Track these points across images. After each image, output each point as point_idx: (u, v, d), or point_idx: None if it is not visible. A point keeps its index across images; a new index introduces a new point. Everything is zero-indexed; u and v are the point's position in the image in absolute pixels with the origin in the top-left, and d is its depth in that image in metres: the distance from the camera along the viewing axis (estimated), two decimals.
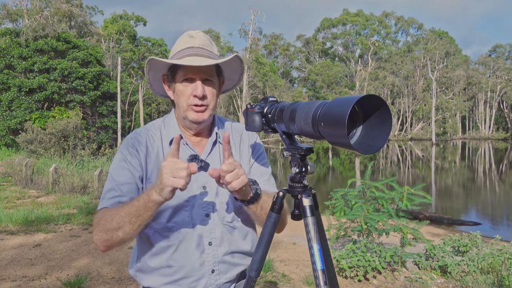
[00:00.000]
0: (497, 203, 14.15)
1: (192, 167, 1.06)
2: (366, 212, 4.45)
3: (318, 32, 65.57)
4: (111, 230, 1.17)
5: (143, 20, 49.09)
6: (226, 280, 1.32)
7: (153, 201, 1.10)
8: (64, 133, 17.21)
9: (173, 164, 1.05)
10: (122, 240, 1.19)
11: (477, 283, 4.02)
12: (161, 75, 1.35)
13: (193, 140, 1.37)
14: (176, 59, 1.28)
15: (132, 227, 1.15)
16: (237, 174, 1.12)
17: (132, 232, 1.16)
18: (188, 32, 1.34)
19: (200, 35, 1.33)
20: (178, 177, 1.04)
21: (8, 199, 8.84)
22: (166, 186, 1.05)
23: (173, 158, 1.07)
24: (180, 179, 1.04)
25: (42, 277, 4.18)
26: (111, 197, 1.25)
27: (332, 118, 0.89)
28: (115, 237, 1.17)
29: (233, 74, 1.41)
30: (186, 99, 1.27)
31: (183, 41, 1.32)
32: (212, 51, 1.33)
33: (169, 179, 1.04)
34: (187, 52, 1.29)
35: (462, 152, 41.21)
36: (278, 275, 4.41)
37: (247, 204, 1.23)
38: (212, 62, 1.25)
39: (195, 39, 1.31)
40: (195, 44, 1.30)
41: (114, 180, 1.27)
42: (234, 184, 1.11)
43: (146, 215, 1.13)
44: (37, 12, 28.19)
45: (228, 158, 1.13)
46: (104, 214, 1.21)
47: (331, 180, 19.04)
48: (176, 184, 1.04)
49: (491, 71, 62.83)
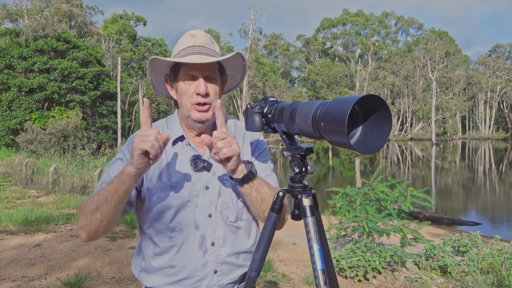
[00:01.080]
0: (497, 203, 14.15)
1: (163, 135, 1.09)
2: (368, 214, 4.45)
3: (318, 32, 65.59)
4: (90, 212, 1.17)
5: (143, 20, 49.11)
6: (229, 281, 1.32)
7: (127, 173, 1.11)
8: (64, 133, 17.22)
9: (143, 131, 1.09)
10: (101, 224, 1.17)
11: (477, 283, 4.02)
12: (163, 75, 1.35)
13: (196, 141, 1.36)
14: (178, 58, 1.28)
15: (108, 206, 1.14)
16: (229, 142, 1.13)
17: (110, 212, 1.15)
18: (190, 32, 1.34)
19: (201, 34, 1.33)
20: (147, 140, 1.07)
21: (8, 199, 8.84)
22: (135, 150, 1.08)
23: (144, 126, 1.12)
24: (148, 142, 1.07)
25: (42, 277, 4.18)
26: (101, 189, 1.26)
27: (332, 118, 0.89)
28: (94, 220, 1.16)
29: (235, 73, 1.41)
30: (189, 98, 1.27)
31: (185, 41, 1.32)
32: (214, 50, 1.33)
33: (137, 143, 1.08)
34: (189, 50, 1.29)
35: (462, 152, 41.21)
36: (278, 275, 4.41)
37: (241, 183, 1.21)
38: (214, 59, 1.25)
39: (196, 38, 1.31)
40: (197, 43, 1.30)
41: (109, 176, 1.28)
42: (225, 150, 1.12)
43: (121, 190, 1.13)
44: (37, 12, 28.20)
45: (221, 127, 1.16)
46: (85, 201, 1.22)
47: (331, 180, 19.04)
48: (143, 146, 1.07)
49: (491, 71, 62.83)
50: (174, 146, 1.33)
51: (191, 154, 1.30)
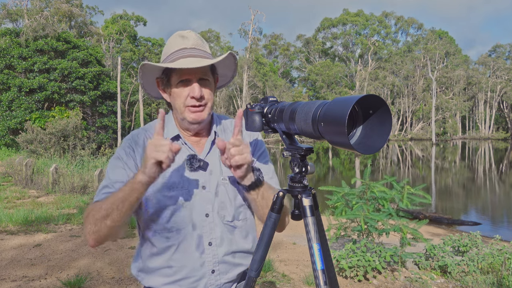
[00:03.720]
0: (497, 203, 14.15)
1: (175, 146, 1.10)
2: (366, 212, 4.45)
3: (318, 32, 65.57)
4: (100, 219, 1.17)
5: (143, 20, 49.10)
6: (226, 280, 1.32)
7: (139, 181, 1.12)
8: (64, 133, 17.21)
9: (157, 140, 1.10)
10: (111, 231, 1.18)
11: (477, 283, 4.02)
12: (154, 78, 1.34)
13: (192, 140, 1.36)
14: (170, 62, 1.26)
15: (119, 213, 1.15)
16: (242, 150, 1.14)
17: (120, 219, 1.16)
18: (179, 33, 1.32)
19: (191, 35, 1.32)
20: (161, 151, 1.08)
21: (8, 199, 8.84)
22: (149, 159, 1.09)
23: (157, 135, 1.12)
24: (161, 152, 1.08)
25: (42, 277, 4.18)
26: (104, 193, 1.26)
27: (332, 118, 0.89)
28: (103, 226, 1.17)
29: (226, 71, 1.41)
30: (183, 101, 1.27)
31: (175, 43, 1.31)
32: (205, 51, 1.32)
33: (151, 152, 1.08)
34: (180, 54, 1.27)
35: (462, 152, 41.21)
36: (278, 275, 4.41)
37: (248, 189, 1.23)
38: (207, 62, 1.25)
39: (187, 39, 1.30)
40: (188, 45, 1.29)
41: (109, 178, 1.28)
42: (238, 158, 1.13)
43: (132, 198, 1.14)
44: (37, 12, 28.19)
45: (237, 134, 1.17)
46: (92, 208, 1.22)
47: (331, 180, 19.04)
48: (158, 157, 1.08)
49: (491, 71, 62.81)
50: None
51: (187, 153, 1.30)
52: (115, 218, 1.16)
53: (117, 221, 1.16)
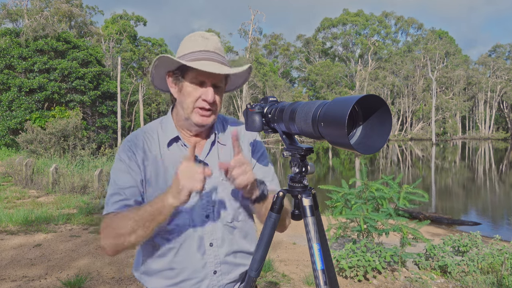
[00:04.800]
0: (497, 203, 14.15)
1: (207, 171, 1.09)
2: (365, 212, 4.44)
3: (318, 32, 65.56)
4: (123, 235, 1.17)
5: (143, 20, 49.09)
6: (228, 280, 1.32)
7: (170, 205, 1.12)
8: (64, 133, 17.21)
9: (190, 168, 1.09)
10: (134, 245, 1.20)
11: (477, 283, 4.02)
12: (166, 71, 1.32)
13: (192, 141, 1.36)
14: (190, 60, 1.24)
15: (145, 231, 1.16)
16: (245, 171, 1.15)
17: (145, 236, 1.18)
18: (201, 33, 1.30)
19: (214, 38, 1.30)
20: (196, 180, 1.08)
21: (8, 199, 8.84)
22: (184, 189, 1.08)
23: (189, 162, 1.11)
24: (197, 182, 1.08)
25: (42, 277, 4.18)
26: (116, 201, 1.24)
27: (332, 118, 0.89)
28: (126, 241, 1.18)
29: (238, 79, 1.40)
30: (193, 101, 1.25)
31: (196, 42, 1.28)
32: (224, 57, 1.31)
33: (187, 182, 1.08)
34: (202, 55, 1.25)
35: (462, 152, 41.20)
36: (278, 275, 4.41)
37: (253, 202, 1.25)
38: (229, 71, 1.23)
39: (209, 41, 1.28)
40: (210, 48, 1.27)
41: (116, 184, 1.26)
42: (241, 179, 1.14)
43: (160, 219, 1.15)
44: (37, 12, 28.19)
45: (237, 154, 1.17)
46: (112, 220, 1.21)
47: (331, 180, 19.03)
48: (194, 187, 1.08)
49: (491, 71, 62.80)
50: (170, 148, 1.32)
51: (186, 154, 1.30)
52: (140, 235, 1.17)
53: (142, 237, 1.17)
